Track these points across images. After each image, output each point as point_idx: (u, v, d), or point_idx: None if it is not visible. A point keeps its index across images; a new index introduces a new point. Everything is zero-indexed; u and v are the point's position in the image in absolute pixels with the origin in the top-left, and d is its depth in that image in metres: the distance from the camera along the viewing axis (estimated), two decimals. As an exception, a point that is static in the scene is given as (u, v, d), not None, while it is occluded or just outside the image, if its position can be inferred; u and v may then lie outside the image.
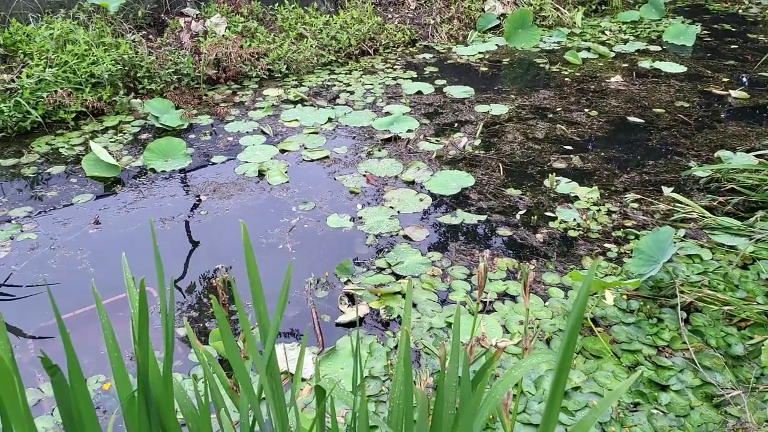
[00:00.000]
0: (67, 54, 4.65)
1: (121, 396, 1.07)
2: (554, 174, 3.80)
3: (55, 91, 4.43)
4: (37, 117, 4.35)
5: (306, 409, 2.29)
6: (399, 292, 2.91)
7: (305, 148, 4.35)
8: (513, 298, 2.83)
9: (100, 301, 1.08)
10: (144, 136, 4.48)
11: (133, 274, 1.23)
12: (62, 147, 4.26)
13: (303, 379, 2.44)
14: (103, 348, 2.53)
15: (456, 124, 4.70)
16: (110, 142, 4.36)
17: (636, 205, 3.57)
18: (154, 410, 0.94)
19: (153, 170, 4.02)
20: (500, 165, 4.04)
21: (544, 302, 2.81)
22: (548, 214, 3.49)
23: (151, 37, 5.52)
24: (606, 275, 2.99)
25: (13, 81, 4.41)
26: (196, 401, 1.21)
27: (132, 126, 4.62)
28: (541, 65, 5.99)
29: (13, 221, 3.41)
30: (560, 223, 3.41)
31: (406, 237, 3.34)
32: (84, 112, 4.59)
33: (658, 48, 6.42)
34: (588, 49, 6.38)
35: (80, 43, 4.75)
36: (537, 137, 4.44)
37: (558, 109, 4.92)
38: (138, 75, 4.93)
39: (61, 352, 0.94)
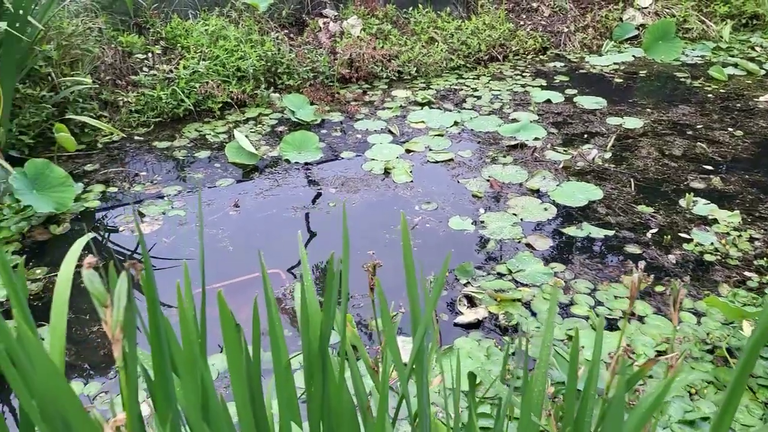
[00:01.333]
0: (219, 49, 5.03)
1: (276, 365, 1.17)
2: (691, 194, 3.62)
3: (207, 83, 4.81)
4: (189, 105, 4.74)
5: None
6: (519, 300, 2.90)
7: (430, 150, 4.42)
8: (640, 319, 2.73)
9: (267, 272, 1.19)
10: (280, 128, 4.76)
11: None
12: (209, 134, 4.62)
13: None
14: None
15: (585, 135, 4.58)
16: (250, 132, 4.67)
17: (783, 233, 3.32)
18: (322, 388, 1.03)
19: (287, 161, 4.26)
20: (632, 180, 3.90)
21: (672, 336, 2.69)
22: (682, 235, 3.33)
23: (292, 35, 5.84)
24: (744, 305, 2.81)
25: (171, 71, 4.84)
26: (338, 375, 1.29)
27: (270, 118, 4.92)
28: (682, 79, 5.70)
29: (165, 198, 3.75)
30: (695, 245, 3.24)
31: (528, 245, 3.32)
32: (229, 103, 4.94)
33: (818, 67, 5.89)
34: (735, 65, 5.97)
35: (230, 39, 5.12)
36: (674, 154, 4.24)
37: (698, 127, 4.66)
38: (278, 71, 5.24)
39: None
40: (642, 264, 1.13)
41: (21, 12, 3.58)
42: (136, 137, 4.56)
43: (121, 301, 0.67)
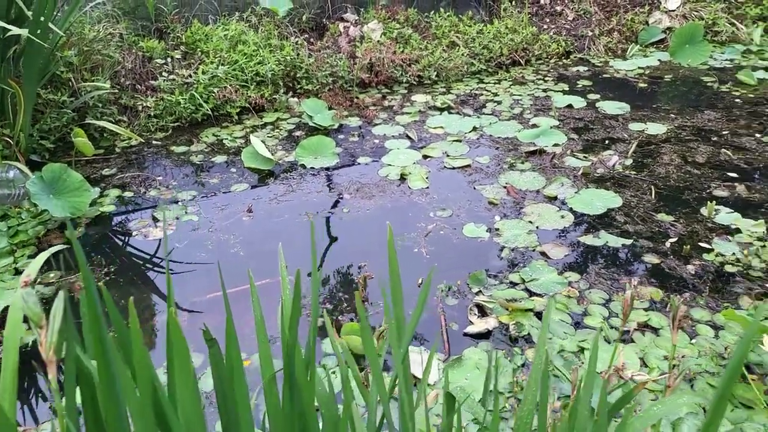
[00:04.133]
0: (238, 53, 5.06)
1: (264, 375, 1.14)
2: (714, 202, 3.51)
3: (225, 88, 4.84)
4: (207, 110, 4.78)
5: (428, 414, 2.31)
6: (531, 309, 2.84)
7: (448, 155, 4.38)
8: (655, 331, 2.65)
9: (254, 284, 1.17)
10: (298, 133, 4.76)
11: (276, 264, 1.31)
12: (226, 139, 4.65)
13: (428, 385, 2.46)
14: (245, 328, 2.72)
15: (607, 141, 4.49)
16: (267, 137, 4.68)
17: (810, 244, 3.19)
18: (297, 392, 1.00)
19: (303, 166, 4.25)
20: (652, 188, 3.80)
21: (691, 339, 2.61)
22: (703, 244, 3.23)
23: (312, 40, 5.85)
24: (766, 319, 2.70)
25: (190, 76, 4.88)
26: (328, 390, 1.26)
27: (288, 123, 4.93)
28: (709, 84, 5.55)
29: (179, 203, 3.78)
30: (716, 255, 3.13)
31: (543, 254, 3.25)
32: (247, 108, 4.97)
33: None
34: (766, 69, 5.80)
35: (250, 44, 5.15)
36: (697, 161, 4.12)
37: (724, 133, 4.53)
38: (297, 75, 5.24)
39: (211, 327, 1.03)
40: (635, 280, 1.07)
41: (42, 19, 3.64)
42: (154, 142, 4.61)
43: (56, 323, 0.65)
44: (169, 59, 5.03)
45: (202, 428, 0.95)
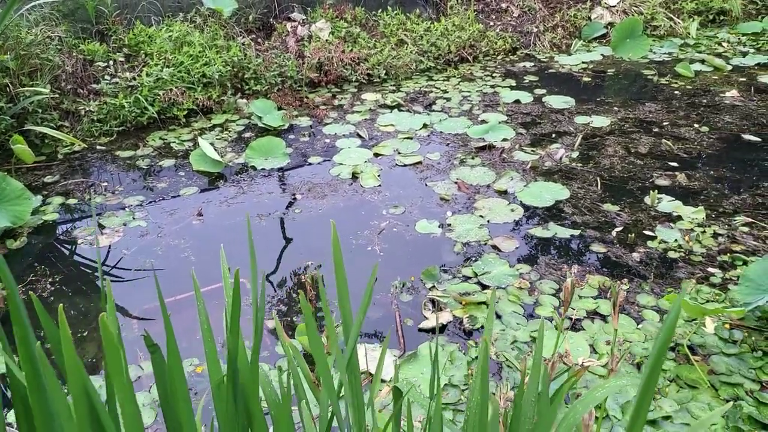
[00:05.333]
0: (183, 55, 4.96)
1: (212, 380, 1.13)
2: (656, 191, 3.63)
3: (171, 90, 4.74)
4: (153, 113, 4.67)
5: (385, 410, 2.32)
6: (484, 302, 2.88)
7: (399, 153, 4.40)
8: (603, 318, 2.72)
9: (199, 289, 1.15)
10: (247, 134, 4.70)
11: (229, 266, 1.30)
12: (173, 142, 4.55)
13: (383, 381, 2.46)
14: (199, 333, 2.67)
15: (554, 135, 4.59)
16: (216, 139, 4.61)
17: (746, 229, 3.33)
18: (241, 395, 0.99)
19: (253, 167, 4.20)
20: (598, 179, 3.90)
21: (638, 324, 2.69)
22: (647, 232, 3.34)
23: (259, 40, 5.78)
24: (707, 301, 2.81)
25: (134, 79, 4.77)
26: (280, 392, 1.25)
27: (237, 125, 4.86)
28: (649, 77, 5.73)
29: (126, 209, 3.68)
30: (660, 243, 3.24)
31: (494, 247, 3.30)
32: (194, 110, 4.88)
33: (782, 62, 5.97)
34: (702, 62, 6.03)
35: (195, 45, 5.06)
36: (640, 152, 4.25)
37: (665, 124, 4.69)
38: (245, 76, 5.18)
39: (162, 334, 1.01)
40: (575, 268, 1.10)
41: (-27, 22, 3.49)
42: (98, 147, 4.48)
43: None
44: (111, 62, 4.89)
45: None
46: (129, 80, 4.73)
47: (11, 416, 2.27)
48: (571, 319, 2.68)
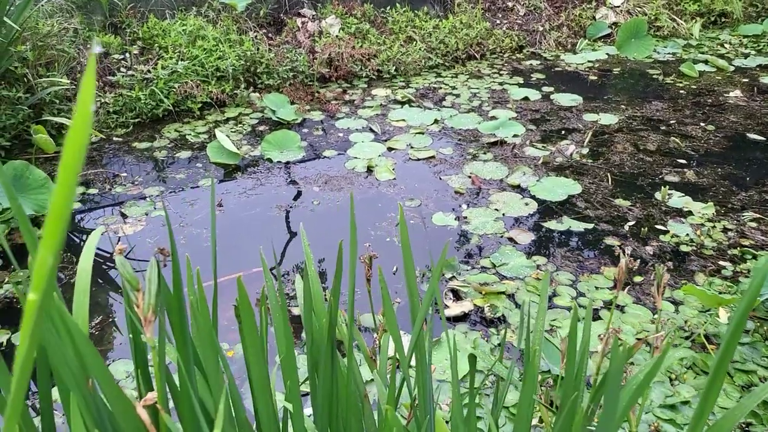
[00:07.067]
0: (197, 49, 5.01)
1: (280, 350, 1.19)
2: (667, 187, 3.72)
3: (186, 83, 4.79)
4: (168, 105, 4.72)
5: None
6: (503, 293, 2.96)
7: (412, 147, 4.47)
8: (621, 308, 2.81)
9: (267, 266, 1.22)
10: (261, 128, 4.76)
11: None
12: (189, 134, 4.60)
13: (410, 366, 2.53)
14: (220, 320, 2.74)
15: (563, 132, 4.67)
16: (231, 131, 4.66)
17: (754, 224, 3.43)
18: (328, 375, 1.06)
19: (269, 160, 4.26)
20: (609, 175, 3.99)
21: (653, 314, 2.78)
22: (659, 227, 3.43)
23: (270, 35, 5.84)
24: (720, 293, 2.90)
25: (149, 72, 4.81)
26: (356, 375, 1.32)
27: (250, 118, 4.92)
28: (654, 76, 5.83)
29: (147, 199, 3.74)
30: (672, 237, 3.33)
31: (510, 239, 3.38)
32: (209, 103, 4.93)
33: (784, 63, 6.08)
34: (705, 62, 6.13)
35: (209, 39, 5.10)
36: (648, 149, 4.35)
37: (671, 122, 4.78)
38: (258, 71, 5.23)
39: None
40: (629, 249, 1.18)
41: (-4, 12, 3.54)
42: (115, 138, 4.52)
43: (152, 285, 0.69)
44: (126, 54, 4.94)
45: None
46: (144, 73, 4.78)
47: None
48: (615, 296, 2.76)
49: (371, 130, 4.75)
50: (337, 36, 5.85)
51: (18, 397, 0.40)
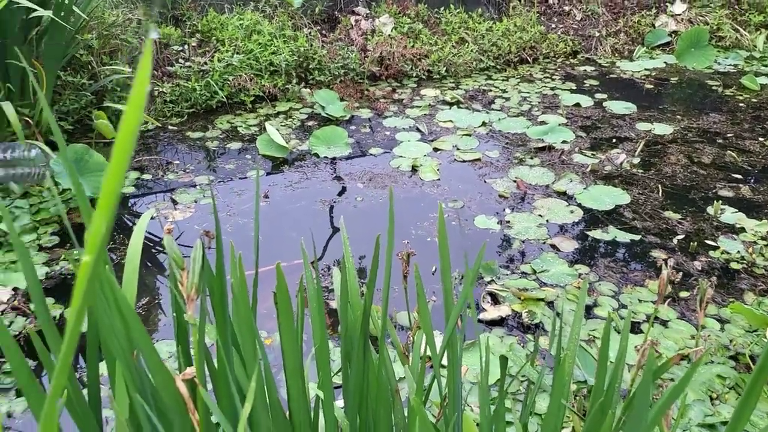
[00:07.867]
0: (253, 43, 5.12)
1: (317, 339, 1.23)
2: (719, 202, 3.61)
3: (240, 76, 4.90)
4: (222, 97, 4.84)
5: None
6: (542, 299, 2.93)
7: (458, 149, 4.46)
8: (664, 323, 2.75)
9: (308, 258, 1.25)
10: (310, 123, 4.83)
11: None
12: (240, 126, 4.72)
13: (442, 366, 2.54)
14: (258, 309, 2.80)
15: (614, 140, 4.58)
16: (281, 125, 4.75)
17: (811, 245, 3.30)
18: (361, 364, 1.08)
19: (317, 155, 4.33)
20: (659, 186, 3.90)
21: (698, 331, 2.70)
22: (709, 242, 3.33)
23: (324, 32, 5.92)
24: (769, 314, 2.80)
25: (205, 64, 4.95)
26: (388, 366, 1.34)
27: (300, 113, 5.00)
28: (713, 87, 5.65)
29: (197, 187, 3.85)
30: (722, 253, 3.24)
31: (553, 246, 3.34)
32: (261, 97, 5.03)
33: None
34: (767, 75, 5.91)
35: (264, 34, 5.21)
36: (703, 162, 4.22)
37: (729, 135, 4.63)
38: (310, 67, 5.31)
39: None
40: (671, 261, 1.16)
41: (66, 1, 3.70)
42: (170, 127, 4.67)
43: (197, 265, 0.73)
44: (185, 46, 5.09)
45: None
46: (201, 65, 4.91)
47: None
48: (656, 309, 2.71)
49: (418, 130, 4.76)
50: (389, 35, 5.88)
51: (68, 353, 0.44)
